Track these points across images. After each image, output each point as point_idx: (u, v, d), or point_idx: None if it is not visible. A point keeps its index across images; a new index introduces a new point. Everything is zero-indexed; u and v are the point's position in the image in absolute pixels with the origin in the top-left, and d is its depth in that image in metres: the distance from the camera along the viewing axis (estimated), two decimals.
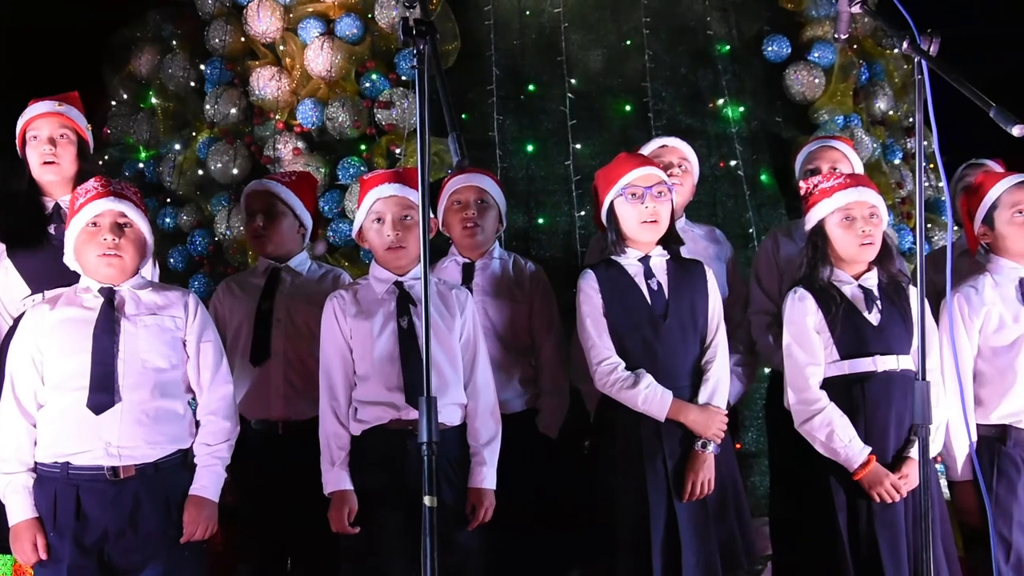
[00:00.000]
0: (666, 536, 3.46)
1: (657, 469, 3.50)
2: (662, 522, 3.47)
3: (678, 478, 3.50)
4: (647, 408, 3.49)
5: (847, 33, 3.34)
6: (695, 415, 3.51)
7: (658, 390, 3.49)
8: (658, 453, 3.51)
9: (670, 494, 3.49)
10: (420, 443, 2.65)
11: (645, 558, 3.44)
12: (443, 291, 3.59)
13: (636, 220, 3.60)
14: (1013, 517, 3.52)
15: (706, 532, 3.50)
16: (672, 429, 3.52)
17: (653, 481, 3.48)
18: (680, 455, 3.52)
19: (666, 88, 5.50)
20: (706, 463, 3.51)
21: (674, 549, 3.45)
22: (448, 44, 5.23)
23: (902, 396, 3.48)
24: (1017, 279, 3.66)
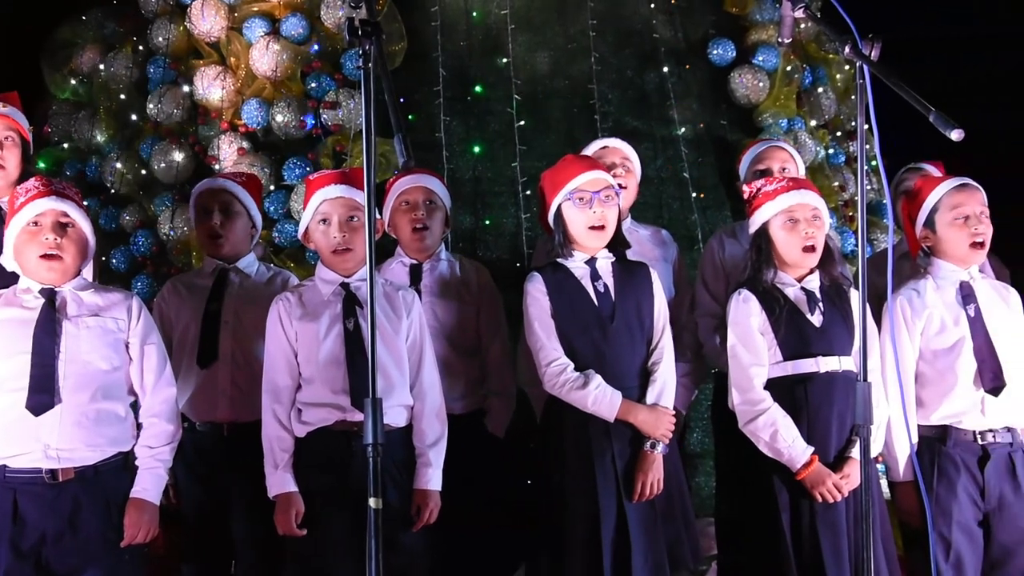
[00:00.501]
0: (616, 536, 3.47)
1: (607, 469, 3.51)
2: (612, 522, 3.48)
3: (627, 478, 3.51)
4: (597, 409, 3.50)
5: (790, 37, 3.36)
6: (644, 415, 3.53)
7: (607, 391, 3.50)
8: (607, 453, 3.52)
9: (620, 494, 3.50)
10: (365, 444, 2.64)
11: (595, 558, 3.45)
12: (389, 292, 3.58)
13: (584, 224, 3.61)
14: (952, 517, 3.56)
15: (655, 532, 3.52)
16: (621, 429, 3.53)
17: (603, 481, 3.49)
18: (629, 455, 3.53)
19: (612, 90, 5.53)
20: (655, 463, 3.52)
21: (623, 549, 3.46)
22: (395, 45, 5.22)
23: (844, 397, 3.51)
24: (958, 282, 3.71)
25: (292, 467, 3.44)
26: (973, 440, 3.61)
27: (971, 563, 3.56)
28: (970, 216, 3.67)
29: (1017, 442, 3.64)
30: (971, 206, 3.68)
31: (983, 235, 3.67)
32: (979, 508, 3.59)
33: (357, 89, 5.07)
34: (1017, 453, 3.63)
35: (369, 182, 2.66)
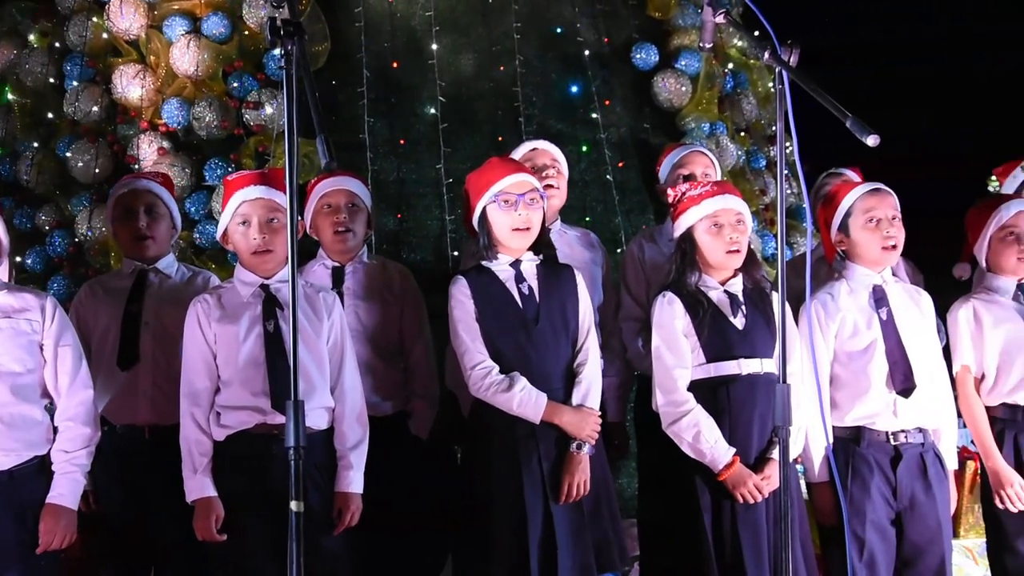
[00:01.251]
0: (543, 537, 3.48)
1: (533, 471, 3.51)
2: (539, 523, 3.48)
3: (554, 480, 3.52)
4: (522, 411, 3.51)
5: (712, 42, 3.39)
6: (569, 417, 3.54)
7: (533, 393, 3.51)
8: (533, 455, 3.52)
9: (546, 495, 3.51)
10: (287, 447, 2.61)
11: (522, 559, 3.45)
12: (310, 294, 3.56)
13: (508, 227, 3.61)
14: (866, 516, 3.61)
15: (582, 533, 3.53)
16: (547, 431, 3.53)
17: (529, 483, 3.50)
18: (555, 457, 3.54)
19: (536, 93, 5.54)
20: (581, 464, 3.53)
21: (550, 550, 3.47)
22: (318, 45, 5.19)
23: (765, 398, 3.55)
24: (871, 286, 3.77)
25: (211, 471, 3.40)
26: (886, 441, 3.66)
27: (884, 561, 3.62)
28: (882, 220, 3.73)
29: (928, 443, 3.71)
30: (883, 210, 3.74)
31: (894, 239, 3.74)
32: (892, 507, 3.65)
33: (280, 89, 5.03)
34: (928, 453, 3.69)
35: (291, 183, 2.64)
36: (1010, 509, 3.78)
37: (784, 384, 3.02)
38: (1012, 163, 4.54)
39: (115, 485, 3.78)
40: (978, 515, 4.56)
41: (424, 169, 5.29)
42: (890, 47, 10.22)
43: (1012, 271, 3.93)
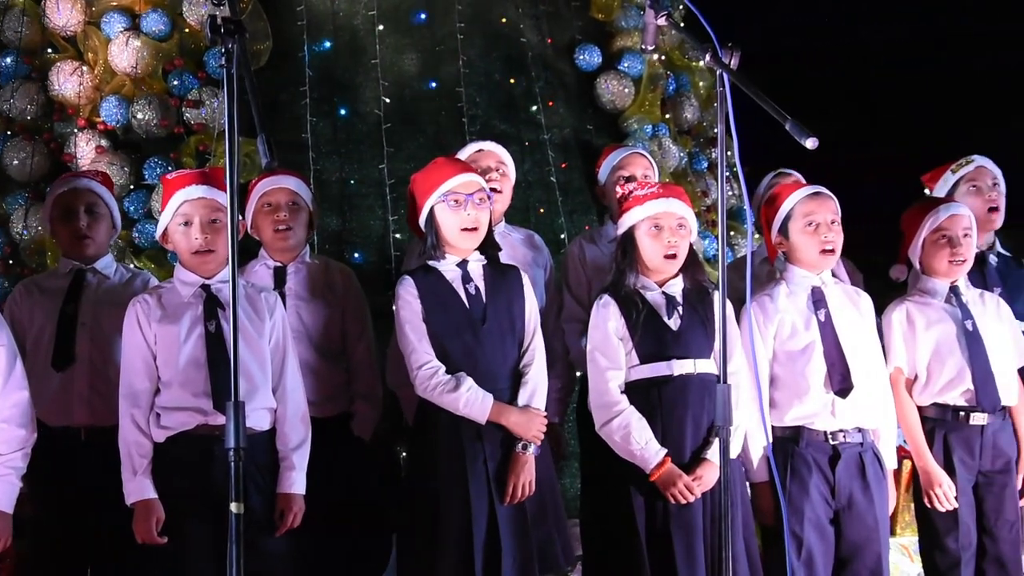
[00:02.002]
0: (487, 537, 3.48)
1: (478, 471, 3.51)
2: (484, 523, 3.48)
3: (499, 480, 3.52)
4: (468, 411, 3.51)
5: (654, 44, 3.42)
6: (516, 417, 3.54)
7: (479, 393, 3.51)
8: (479, 455, 3.52)
9: (491, 496, 3.51)
10: (227, 449, 2.60)
11: (467, 559, 3.45)
12: (252, 294, 3.53)
13: (457, 227, 3.61)
14: (805, 515, 3.65)
15: (525, 533, 3.53)
16: (493, 431, 3.53)
17: (475, 483, 3.50)
18: (501, 457, 3.54)
19: (480, 94, 5.54)
20: (527, 465, 3.54)
21: (494, 550, 3.47)
22: (259, 44, 5.15)
23: (698, 399, 3.57)
24: (810, 287, 3.81)
25: (151, 473, 3.36)
26: (824, 440, 3.70)
27: (822, 560, 3.66)
28: (821, 224, 3.77)
29: (867, 442, 3.75)
30: (822, 214, 3.77)
31: (833, 243, 3.78)
32: (830, 506, 3.69)
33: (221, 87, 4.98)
34: (867, 453, 3.73)
35: (232, 183, 2.62)
36: (938, 508, 3.84)
37: (724, 384, 3.04)
38: (941, 168, 4.60)
39: (51, 488, 3.71)
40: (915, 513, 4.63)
41: (367, 169, 5.27)
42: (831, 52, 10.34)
43: (944, 273, 3.98)
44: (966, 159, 4.50)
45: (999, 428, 3.90)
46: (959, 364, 3.89)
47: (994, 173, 4.46)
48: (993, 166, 4.49)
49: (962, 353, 3.89)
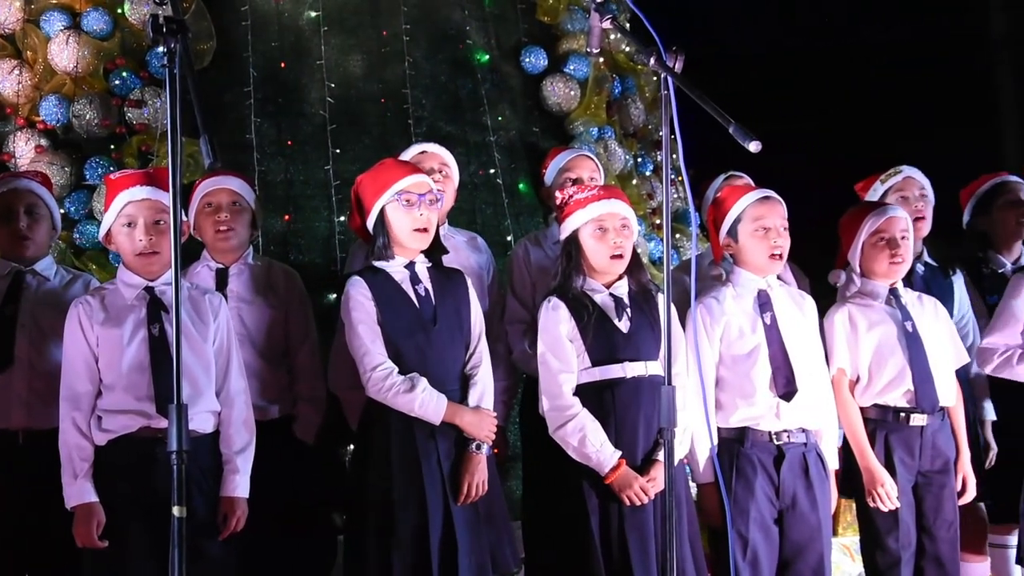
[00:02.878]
0: (443, 537, 3.48)
1: (433, 471, 3.51)
2: (439, 523, 3.48)
3: (453, 480, 3.52)
4: (423, 412, 3.50)
5: (599, 47, 3.44)
6: (469, 417, 3.55)
7: (434, 394, 3.51)
8: (433, 455, 3.52)
9: (446, 496, 3.51)
10: (170, 452, 2.59)
11: (424, 560, 3.45)
12: (195, 296, 3.51)
13: (409, 227, 3.60)
14: (750, 515, 3.68)
15: (479, 533, 3.55)
16: (446, 432, 3.54)
17: (430, 483, 3.50)
18: (454, 457, 3.55)
19: (426, 95, 5.53)
20: (480, 465, 3.55)
21: (450, 550, 3.47)
22: (203, 44, 5.10)
23: (650, 401, 3.59)
24: (756, 290, 3.84)
25: (92, 476, 3.33)
26: (769, 440, 3.74)
27: (767, 560, 3.70)
28: (770, 229, 3.80)
29: (811, 443, 3.79)
30: (772, 219, 3.81)
31: (781, 248, 3.82)
32: (775, 506, 3.73)
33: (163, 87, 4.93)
34: (810, 453, 3.78)
35: (175, 184, 2.61)
36: (880, 508, 3.89)
37: (669, 386, 3.06)
38: (872, 177, 4.66)
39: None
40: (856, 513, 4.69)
41: (312, 170, 5.24)
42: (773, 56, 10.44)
43: (884, 275, 4.03)
44: (895, 169, 4.57)
45: (938, 429, 3.96)
46: (900, 365, 3.94)
47: (922, 183, 4.54)
48: (921, 176, 4.56)
49: (903, 354, 3.94)
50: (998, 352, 4.22)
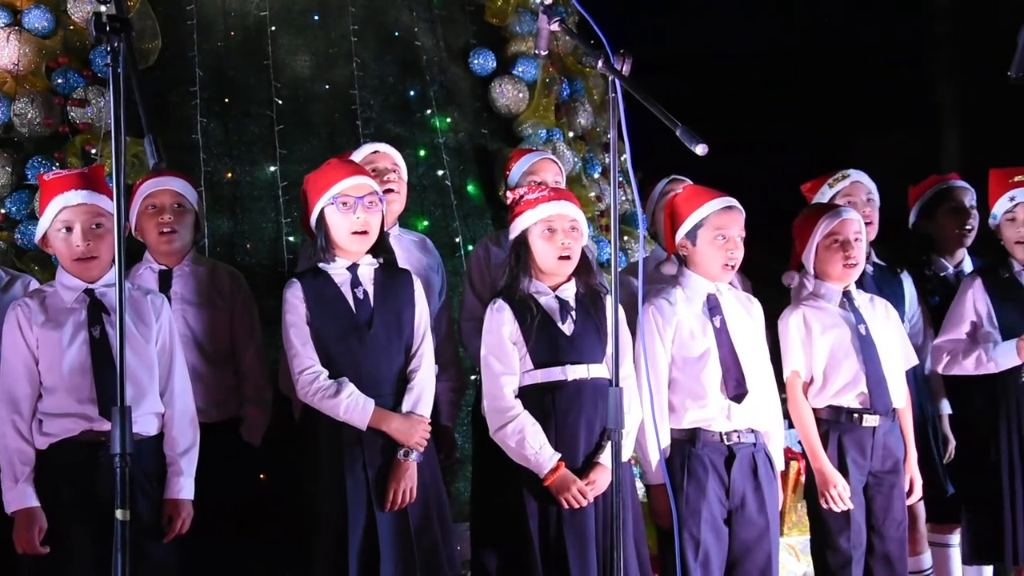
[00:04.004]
0: (364, 545, 3.46)
1: (357, 477, 3.49)
2: (360, 531, 3.46)
3: (380, 487, 3.50)
4: (348, 417, 3.49)
5: (547, 50, 3.44)
6: (397, 423, 3.53)
7: (360, 399, 3.49)
8: (358, 461, 3.50)
9: (371, 503, 3.49)
10: (113, 455, 2.56)
11: (342, 567, 3.43)
12: (137, 298, 3.47)
13: (347, 230, 3.59)
14: (701, 516, 3.69)
15: (406, 541, 3.52)
16: (374, 437, 3.52)
17: (353, 490, 3.48)
18: (381, 464, 3.53)
19: (374, 96, 5.52)
20: (408, 472, 3.53)
21: (373, 558, 3.45)
22: (148, 43, 5.05)
23: (592, 404, 3.60)
24: (706, 294, 3.87)
25: (33, 481, 3.28)
26: (720, 441, 3.75)
27: (717, 560, 3.71)
28: (729, 239, 3.83)
29: (760, 443, 3.82)
30: (733, 229, 3.81)
31: (735, 260, 3.84)
32: (724, 506, 3.75)
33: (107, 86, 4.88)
34: (759, 454, 3.80)
35: (118, 184, 2.58)
36: (832, 509, 3.93)
37: (616, 387, 3.07)
38: (819, 179, 4.70)
39: None
40: (801, 513, 4.73)
41: (259, 171, 5.20)
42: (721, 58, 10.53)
43: (838, 277, 4.06)
44: (842, 174, 4.61)
45: (888, 430, 4.00)
46: (854, 368, 3.98)
47: (869, 188, 4.58)
48: (868, 180, 4.60)
49: (856, 357, 3.98)
50: (945, 351, 4.29)
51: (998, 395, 4.23)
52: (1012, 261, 4.28)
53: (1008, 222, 4.29)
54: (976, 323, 4.28)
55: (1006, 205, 4.28)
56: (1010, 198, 4.28)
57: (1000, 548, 4.14)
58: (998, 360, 4.17)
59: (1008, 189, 4.29)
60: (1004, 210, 4.29)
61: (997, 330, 4.23)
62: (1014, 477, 4.15)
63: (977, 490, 4.28)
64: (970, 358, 4.21)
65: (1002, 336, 4.22)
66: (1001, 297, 4.25)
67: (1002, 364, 4.18)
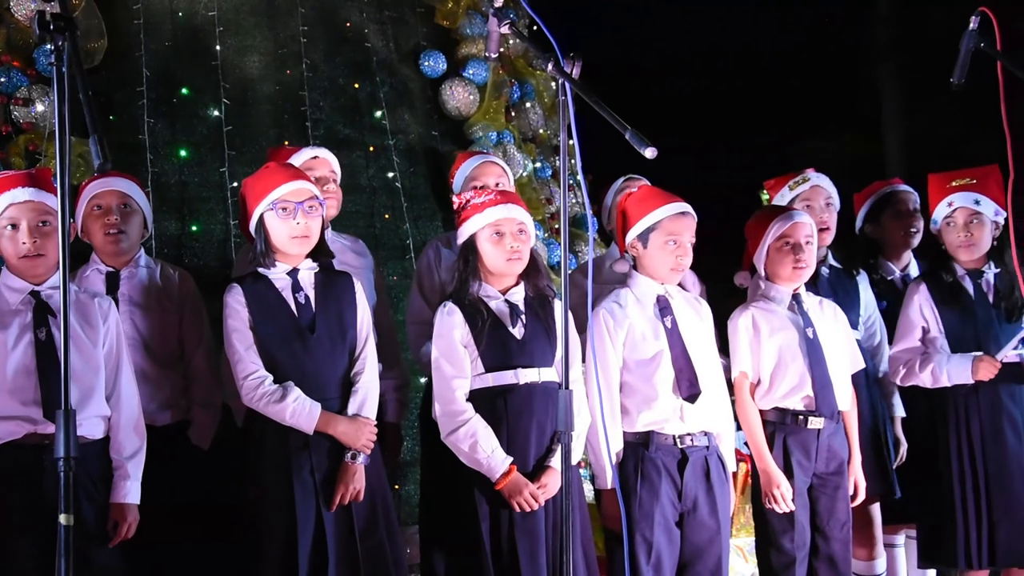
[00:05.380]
0: (313, 549, 3.45)
1: (305, 481, 3.48)
2: (309, 535, 3.45)
3: (327, 490, 3.49)
4: (295, 422, 3.47)
5: (497, 52, 3.44)
6: (344, 427, 3.52)
7: (306, 403, 3.47)
8: (306, 465, 3.49)
9: (319, 506, 3.48)
10: (56, 458, 2.53)
11: (292, 571, 3.41)
12: (84, 300, 3.44)
13: (287, 235, 3.57)
14: (655, 518, 3.70)
15: (352, 544, 3.51)
16: (320, 441, 3.50)
17: (301, 494, 3.46)
18: (328, 467, 3.51)
19: (324, 98, 5.50)
20: (356, 474, 3.52)
21: (321, 562, 3.44)
22: (94, 42, 5.00)
23: (543, 407, 3.61)
24: (655, 295, 3.88)
25: None
26: (673, 444, 3.76)
27: (669, 562, 3.72)
28: (680, 244, 3.84)
29: (712, 445, 3.83)
30: (684, 235, 3.83)
31: (684, 265, 3.85)
32: (676, 509, 3.75)
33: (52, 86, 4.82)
34: (712, 456, 3.81)
35: (63, 185, 2.55)
36: (776, 509, 3.96)
37: (567, 390, 3.07)
38: (782, 178, 4.72)
39: None
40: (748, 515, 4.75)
41: (207, 172, 5.17)
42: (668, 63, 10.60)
43: (788, 279, 4.09)
44: (803, 177, 4.62)
45: (833, 432, 4.03)
46: (800, 370, 4.00)
47: (828, 192, 4.60)
48: (828, 184, 4.61)
49: (803, 360, 4.00)
50: (902, 362, 4.33)
51: (946, 400, 4.27)
52: (955, 265, 4.33)
53: (948, 227, 4.33)
54: (926, 328, 4.32)
55: (945, 210, 4.32)
56: (948, 203, 4.31)
57: (952, 551, 4.19)
58: (951, 376, 4.19)
59: (946, 194, 4.32)
60: (944, 215, 4.33)
61: (943, 335, 4.28)
62: (964, 482, 4.19)
63: (929, 493, 4.32)
64: (925, 371, 4.24)
65: (948, 340, 4.27)
66: (945, 302, 4.29)
67: (955, 380, 4.20)
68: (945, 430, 4.26)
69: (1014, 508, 4.11)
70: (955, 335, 4.26)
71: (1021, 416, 4.19)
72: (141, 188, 3.92)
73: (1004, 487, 4.13)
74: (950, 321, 4.28)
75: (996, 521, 4.12)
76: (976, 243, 4.26)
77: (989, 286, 4.27)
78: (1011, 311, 4.21)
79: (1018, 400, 4.20)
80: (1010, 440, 4.16)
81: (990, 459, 4.17)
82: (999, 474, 4.14)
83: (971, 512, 4.16)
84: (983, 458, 4.18)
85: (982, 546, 4.13)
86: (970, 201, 4.26)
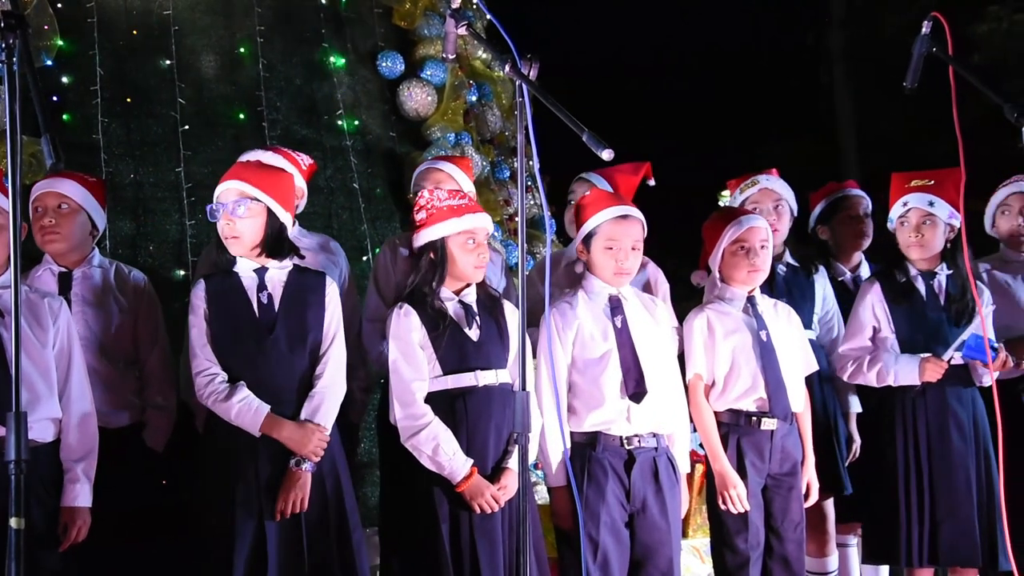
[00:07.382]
0: (252, 555, 3.41)
1: (248, 484, 3.46)
2: (248, 540, 3.42)
3: (270, 496, 3.46)
4: (240, 421, 3.45)
5: (454, 53, 3.44)
6: (290, 432, 3.48)
7: (253, 403, 3.45)
8: (250, 468, 3.46)
9: (261, 511, 3.45)
10: (6, 462, 2.50)
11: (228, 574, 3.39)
12: (34, 300, 3.40)
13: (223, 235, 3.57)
14: (600, 518, 3.71)
15: (296, 551, 3.48)
16: (268, 444, 3.47)
17: (243, 496, 3.44)
18: (272, 472, 3.48)
19: (281, 98, 5.47)
20: (299, 481, 3.47)
21: (261, 567, 3.42)
22: (46, 40, 4.94)
23: (501, 409, 3.62)
24: (607, 296, 3.90)
25: None
26: (620, 445, 3.77)
27: (617, 563, 3.73)
28: (621, 249, 3.85)
29: (662, 447, 3.84)
30: (623, 240, 3.84)
31: (627, 269, 3.86)
32: (625, 510, 3.77)
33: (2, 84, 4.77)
34: (661, 457, 3.82)
35: (14, 185, 2.52)
36: (730, 510, 3.98)
37: (523, 391, 3.08)
38: (741, 179, 4.75)
39: None
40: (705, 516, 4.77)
41: (163, 172, 5.13)
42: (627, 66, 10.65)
43: (743, 282, 4.10)
44: (751, 180, 4.65)
45: (787, 433, 4.05)
46: (754, 372, 4.01)
47: (778, 194, 4.62)
48: (781, 187, 4.63)
49: (757, 362, 4.02)
50: (851, 360, 4.36)
51: (894, 400, 4.30)
52: (908, 265, 4.36)
53: (901, 226, 4.36)
54: (876, 327, 4.35)
55: (900, 210, 4.34)
56: (904, 203, 4.33)
57: (895, 549, 4.22)
58: (898, 376, 4.21)
59: (904, 193, 4.35)
60: (898, 214, 4.36)
61: (894, 334, 4.31)
62: (909, 480, 4.22)
63: (875, 491, 4.35)
64: (872, 371, 4.27)
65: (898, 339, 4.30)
66: (897, 301, 4.32)
67: (902, 381, 4.23)
68: (892, 430, 4.28)
69: (957, 508, 4.14)
70: (905, 335, 4.29)
71: (967, 418, 4.22)
72: (94, 188, 3.88)
73: (949, 487, 4.16)
74: (900, 321, 4.30)
75: (939, 520, 4.15)
76: (926, 244, 4.28)
77: (941, 288, 4.30)
78: (961, 314, 4.24)
79: (964, 402, 4.23)
80: (955, 441, 4.19)
81: (935, 459, 4.19)
82: (944, 475, 4.17)
83: (914, 511, 4.19)
84: (928, 458, 4.20)
85: (923, 544, 4.16)
86: (924, 202, 4.28)
